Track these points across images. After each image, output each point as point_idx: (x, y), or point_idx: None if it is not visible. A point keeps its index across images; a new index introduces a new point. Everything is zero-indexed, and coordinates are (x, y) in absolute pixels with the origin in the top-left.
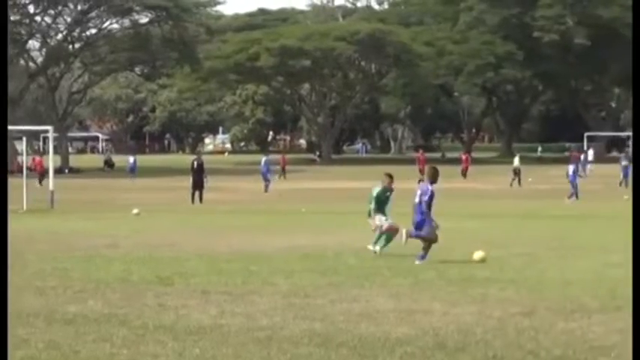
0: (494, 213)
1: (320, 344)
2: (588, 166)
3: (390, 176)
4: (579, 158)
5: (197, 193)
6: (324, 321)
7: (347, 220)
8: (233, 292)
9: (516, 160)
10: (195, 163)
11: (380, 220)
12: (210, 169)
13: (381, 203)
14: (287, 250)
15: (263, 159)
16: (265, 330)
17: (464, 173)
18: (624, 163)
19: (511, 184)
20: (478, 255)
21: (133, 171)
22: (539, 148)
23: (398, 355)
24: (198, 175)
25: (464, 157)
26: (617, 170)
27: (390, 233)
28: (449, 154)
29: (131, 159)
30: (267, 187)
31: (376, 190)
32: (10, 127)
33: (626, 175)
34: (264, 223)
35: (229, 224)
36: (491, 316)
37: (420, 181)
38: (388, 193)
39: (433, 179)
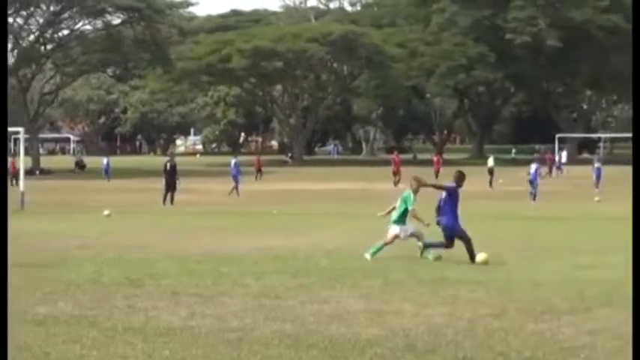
0: (465, 214)
1: (290, 345)
2: (563, 168)
3: (418, 180)
4: (553, 160)
5: (169, 195)
6: (295, 322)
7: (318, 221)
8: (203, 293)
9: (490, 161)
10: (169, 164)
11: (396, 230)
12: (181, 171)
13: (406, 210)
14: (258, 251)
15: (233, 161)
16: (236, 331)
17: (437, 175)
18: (597, 165)
19: (490, 185)
20: (481, 257)
21: (107, 172)
22: (514, 150)
23: (368, 356)
24: (171, 177)
25: (435, 158)
26: (588, 172)
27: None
28: (420, 156)
29: (105, 160)
30: (235, 188)
31: (408, 195)
32: None
33: (598, 177)
34: (235, 225)
35: (200, 225)
36: (461, 317)
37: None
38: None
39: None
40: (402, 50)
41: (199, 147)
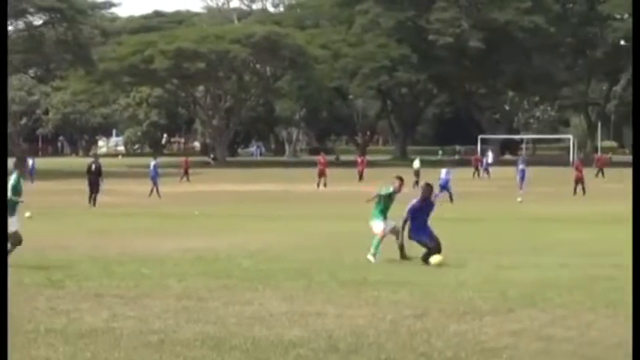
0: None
1: (213, 347)
2: (490, 169)
3: (401, 179)
4: (479, 161)
5: (93, 196)
6: (217, 324)
7: (241, 222)
8: (125, 295)
9: (416, 163)
10: (93, 165)
11: (378, 225)
12: (104, 172)
13: (386, 207)
14: (180, 252)
15: (152, 162)
16: (158, 333)
17: (360, 176)
18: (521, 166)
19: (416, 186)
20: (435, 259)
21: (32, 174)
22: (440, 152)
23: (291, 357)
24: (95, 178)
25: (359, 159)
26: (512, 173)
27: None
28: (343, 157)
29: (30, 162)
30: (154, 190)
31: (386, 190)
32: None
33: (522, 179)
34: (156, 226)
35: (122, 227)
36: (384, 318)
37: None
38: (394, 197)
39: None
40: (325, 51)
41: (121, 148)
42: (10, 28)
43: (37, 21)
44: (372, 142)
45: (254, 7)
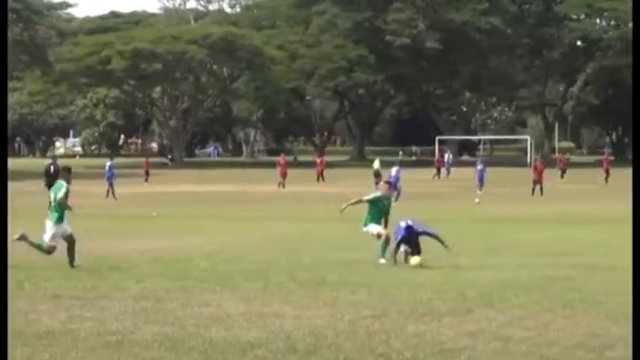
0: (347, 216)
1: (171, 348)
2: (451, 170)
3: (390, 184)
4: (441, 162)
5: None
6: (175, 325)
7: (198, 223)
8: (83, 296)
9: (376, 163)
10: (52, 167)
11: (373, 228)
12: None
13: (380, 211)
14: (138, 253)
15: (107, 163)
16: (116, 334)
17: (319, 177)
18: (480, 167)
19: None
20: (414, 261)
21: None
22: (401, 152)
23: (249, 358)
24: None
25: (318, 160)
26: (469, 174)
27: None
28: (301, 158)
29: None
30: (110, 191)
31: (381, 197)
32: None
33: (481, 179)
34: (114, 227)
35: (80, 228)
36: (342, 319)
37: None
38: (387, 202)
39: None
40: (282, 52)
41: (78, 149)
42: None
43: None
44: (330, 143)
45: (210, 7)
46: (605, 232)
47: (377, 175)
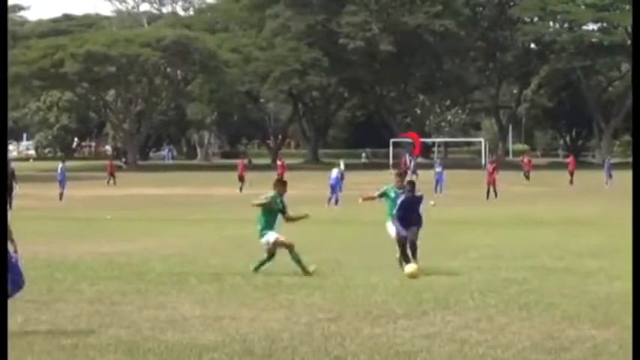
0: (303, 219)
1: (126, 352)
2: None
3: (400, 175)
4: (407, 165)
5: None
6: (131, 328)
7: (153, 226)
8: (38, 299)
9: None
10: (9, 170)
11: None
12: (17, 176)
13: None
14: (92, 256)
15: (60, 166)
16: (71, 337)
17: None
18: (438, 169)
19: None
20: (409, 270)
21: None
22: (364, 154)
23: None
24: (9, 182)
25: (279, 163)
26: (425, 176)
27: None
28: (255, 161)
29: None
30: (61, 194)
31: (390, 189)
32: None
33: (439, 181)
34: (69, 230)
35: (34, 231)
36: (298, 322)
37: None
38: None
39: None
40: (236, 55)
41: (32, 152)
42: None
43: None
44: (285, 146)
45: (164, 10)
46: (562, 235)
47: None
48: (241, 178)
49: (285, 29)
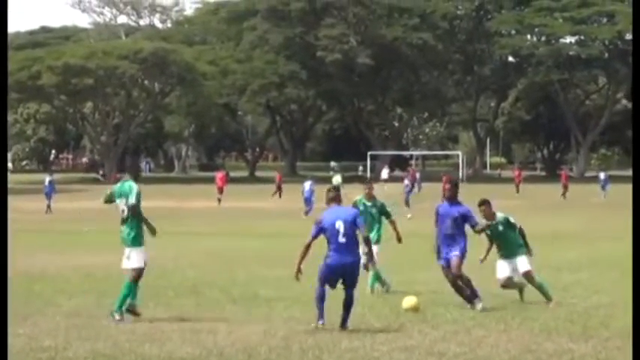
0: (280, 232)
1: None
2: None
3: (370, 185)
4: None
5: None
6: (108, 341)
7: None
8: (16, 312)
9: (337, 178)
10: None
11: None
12: None
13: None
14: (70, 269)
15: (47, 179)
16: (48, 351)
17: (278, 189)
18: (406, 182)
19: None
20: (409, 303)
21: None
22: (361, 167)
23: None
24: None
25: (278, 175)
26: (401, 188)
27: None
28: (233, 174)
29: None
30: (48, 206)
31: (359, 202)
32: None
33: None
34: (46, 243)
35: (11, 244)
36: (275, 335)
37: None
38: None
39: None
40: (214, 68)
41: (9, 165)
42: None
43: None
44: (262, 159)
45: (142, 22)
46: (541, 248)
47: (337, 190)
48: (220, 191)
49: (263, 42)
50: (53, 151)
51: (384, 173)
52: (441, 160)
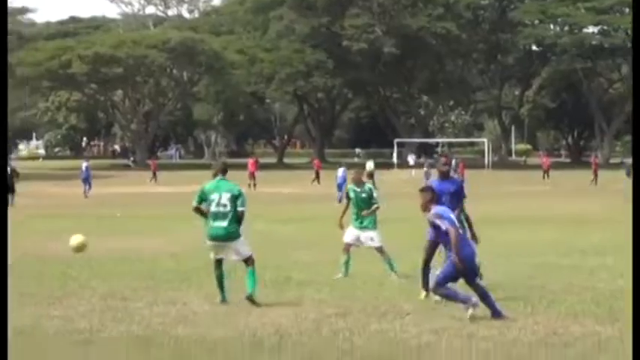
0: (311, 216)
1: (137, 347)
2: (413, 171)
3: (358, 171)
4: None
5: (10, 197)
6: (142, 324)
7: (163, 223)
8: (51, 295)
9: (370, 165)
10: (9, 169)
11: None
12: (24, 175)
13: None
14: (104, 253)
15: (84, 164)
16: (83, 332)
17: (317, 176)
18: (425, 169)
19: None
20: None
21: None
22: (357, 150)
23: (216, 356)
24: (10, 180)
25: (316, 161)
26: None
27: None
28: (262, 160)
29: None
30: (85, 190)
31: (350, 189)
32: None
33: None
34: (80, 227)
35: (48, 229)
36: (306, 317)
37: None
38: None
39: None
40: (242, 57)
41: (42, 151)
42: None
43: None
44: (290, 146)
45: (169, 13)
46: (567, 232)
47: (370, 176)
48: (252, 176)
49: (290, 31)
50: (84, 138)
51: (411, 159)
52: (467, 148)
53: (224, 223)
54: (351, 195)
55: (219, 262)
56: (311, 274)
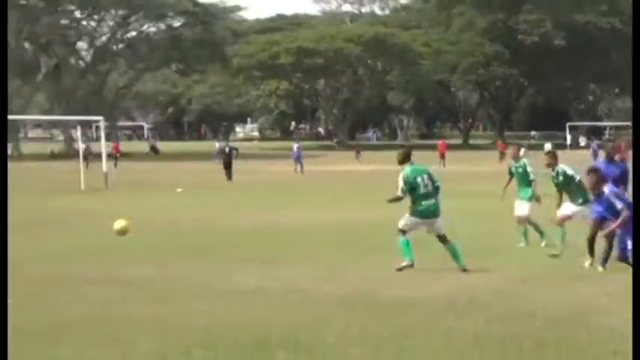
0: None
1: (341, 303)
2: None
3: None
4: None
5: (228, 173)
6: (348, 285)
7: (366, 197)
8: (274, 259)
9: (548, 146)
10: (227, 148)
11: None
12: (241, 154)
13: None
14: (315, 223)
15: (295, 145)
16: (300, 292)
17: (501, 156)
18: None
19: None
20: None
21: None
22: (533, 133)
23: (410, 314)
24: (228, 158)
25: (500, 142)
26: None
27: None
28: (448, 142)
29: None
30: (299, 168)
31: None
32: (66, 117)
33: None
34: (293, 200)
35: (258, 202)
36: (494, 282)
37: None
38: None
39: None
40: (428, 49)
41: (256, 133)
42: (152, 29)
43: (176, 23)
44: (474, 128)
45: (363, 10)
46: None
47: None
48: (442, 156)
49: (470, 26)
50: (293, 122)
51: (582, 141)
52: (630, 130)
53: (433, 200)
54: (512, 170)
55: (404, 232)
56: (496, 243)
